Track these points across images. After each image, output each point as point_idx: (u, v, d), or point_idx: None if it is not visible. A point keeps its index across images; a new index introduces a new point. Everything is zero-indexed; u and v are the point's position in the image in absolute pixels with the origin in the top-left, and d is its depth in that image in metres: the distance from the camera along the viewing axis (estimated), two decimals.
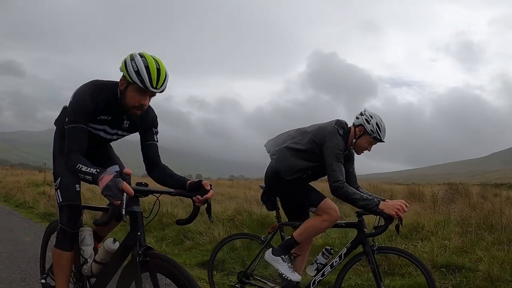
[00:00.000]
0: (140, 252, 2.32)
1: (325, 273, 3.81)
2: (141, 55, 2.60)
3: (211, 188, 2.58)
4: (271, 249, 3.92)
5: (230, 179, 36.92)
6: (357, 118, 3.89)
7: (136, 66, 2.54)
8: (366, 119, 3.80)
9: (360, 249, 3.74)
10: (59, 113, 3.21)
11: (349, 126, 3.93)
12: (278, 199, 4.23)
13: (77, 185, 3.01)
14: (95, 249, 3.10)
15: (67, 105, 2.95)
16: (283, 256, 3.82)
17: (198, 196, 2.57)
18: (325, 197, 3.83)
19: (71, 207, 2.97)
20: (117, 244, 2.75)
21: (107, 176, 2.21)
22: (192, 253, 6.47)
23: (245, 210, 8.05)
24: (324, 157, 3.75)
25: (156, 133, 3.00)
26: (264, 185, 4.20)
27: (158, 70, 2.56)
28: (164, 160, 3.01)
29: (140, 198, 2.51)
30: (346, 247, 3.81)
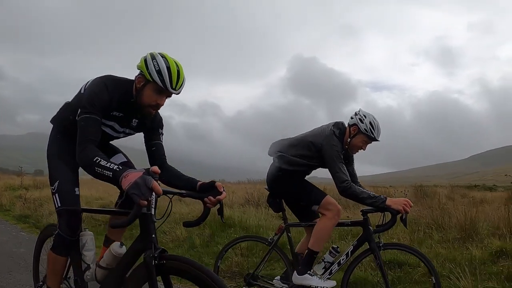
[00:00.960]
0: (156, 255, 2.20)
1: (332, 271, 3.91)
2: (162, 56, 2.59)
3: (223, 190, 2.56)
4: (295, 272, 3.91)
5: None
6: (351, 118, 4.00)
7: (158, 65, 2.53)
8: (359, 119, 3.91)
9: (366, 246, 3.86)
10: (57, 111, 3.10)
11: (345, 126, 4.03)
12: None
13: (76, 189, 2.91)
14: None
15: (70, 101, 2.96)
16: (309, 272, 3.86)
17: (211, 197, 2.53)
18: (326, 194, 3.94)
19: (71, 213, 2.85)
20: (124, 249, 2.65)
21: (135, 173, 2.08)
22: None
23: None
24: (325, 160, 3.85)
25: (162, 134, 2.98)
26: (266, 187, 4.29)
27: (178, 72, 2.57)
28: (146, 164, 2.88)
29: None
30: (353, 244, 3.93)
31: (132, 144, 3.77)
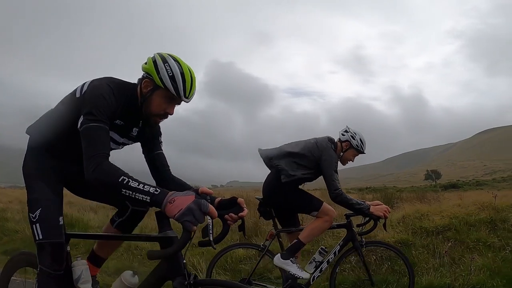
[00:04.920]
0: (191, 282, 2.00)
1: (322, 269, 4.40)
2: (174, 59, 2.31)
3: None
4: (279, 254, 4.32)
5: None
6: (343, 134, 4.53)
7: (171, 70, 2.25)
8: (351, 136, 4.48)
9: (350, 245, 4.42)
10: (37, 119, 2.64)
11: (335, 141, 4.55)
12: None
13: (61, 218, 2.49)
14: (94, 278, 2.79)
15: (55, 107, 2.56)
16: (291, 258, 4.27)
17: (232, 214, 2.26)
18: (323, 201, 4.41)
19: (55, 246, 2.42)
20: (136, 278, 2.38)
21: (184, 197, 1.82)
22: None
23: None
24: (323, 169, 4.32)
25: (161, 142, 2.70)
26: (260, 197, 4.62)
27: (191, 78, 2.31)
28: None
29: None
30: (339, 244, 4.46)
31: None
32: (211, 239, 1.97)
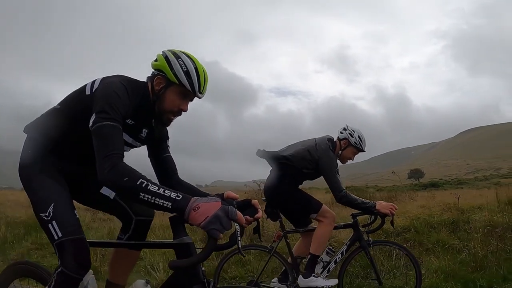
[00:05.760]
0: None
1: (330, 269, 4.42)
2: (187, 55, 2.27)
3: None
4: (300, 276, 4.29)
5: None
6: (341, 132, 4.51)
7: (185, 66, 2.21)
8: (349, 133, 4.45)
9: (357, 244, 4.45)
10: (38, 117, 2.50)
11: (334, 140, 4.51)
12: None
13: (75, 212, 2.30)
14: None
15: (60, 106, 2.43)
16: (313, 274, 4.27)
17: (247, 217, 2.14)
18: (322, 203, 4.40)
19: (78, 243, 2.18)
20: (149, 287, 2.33)
21: (210, 204, 1.71)
22: None
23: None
24: (323, 172, 4.29)
25: (169, 145, 2.61)
26: (264, 199, 4.60)
27: (204, 74, 2.28)
28: None
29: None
30: (346, 244, 4.49)
31: None
32: (240, 246, 1.87)
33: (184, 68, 2.21)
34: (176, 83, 2.22)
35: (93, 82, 2.29)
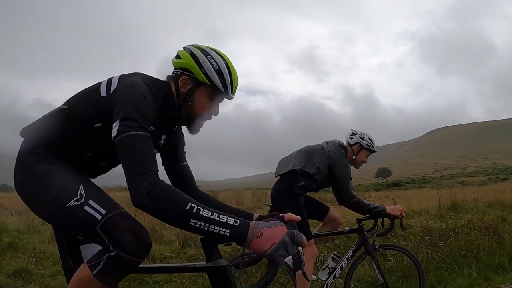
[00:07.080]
0: None
1: (336, 275, 4.33)
2: (215, 51, 2.01)
3: None
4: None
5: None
6: (351, 138, 4.41)
7: (217, 64, 1.95)
8: (360, 137, 4.38)
9: (362, 250, 4.36)
10: (39, 119, 2.10)
11: (345, 146, 4.40)
12: None
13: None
14: None
15: (67, 107, 2.03)
16: None
17: None
18: (312, 236, 4.20)
19: (130, 218, 1.79)
20: None
21: (275, 229, 1.55)
22: None
23: None
24: (337, 179, 4.17)
25: (185, 152, 2.33)
26: (269, 204, 4.47)
27: (235, 72, 2.03)
28: (9, 172, 2.27)
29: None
30: (352, 249, 4.40)
31: None
32: (305, 270, 1.72)
33: (216, 67, 1.94)
34: (207, 83, 1.95)
35: (109, 81, 1.96)
